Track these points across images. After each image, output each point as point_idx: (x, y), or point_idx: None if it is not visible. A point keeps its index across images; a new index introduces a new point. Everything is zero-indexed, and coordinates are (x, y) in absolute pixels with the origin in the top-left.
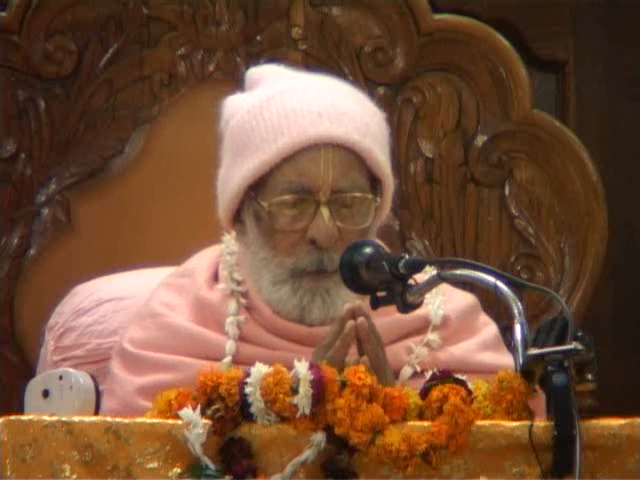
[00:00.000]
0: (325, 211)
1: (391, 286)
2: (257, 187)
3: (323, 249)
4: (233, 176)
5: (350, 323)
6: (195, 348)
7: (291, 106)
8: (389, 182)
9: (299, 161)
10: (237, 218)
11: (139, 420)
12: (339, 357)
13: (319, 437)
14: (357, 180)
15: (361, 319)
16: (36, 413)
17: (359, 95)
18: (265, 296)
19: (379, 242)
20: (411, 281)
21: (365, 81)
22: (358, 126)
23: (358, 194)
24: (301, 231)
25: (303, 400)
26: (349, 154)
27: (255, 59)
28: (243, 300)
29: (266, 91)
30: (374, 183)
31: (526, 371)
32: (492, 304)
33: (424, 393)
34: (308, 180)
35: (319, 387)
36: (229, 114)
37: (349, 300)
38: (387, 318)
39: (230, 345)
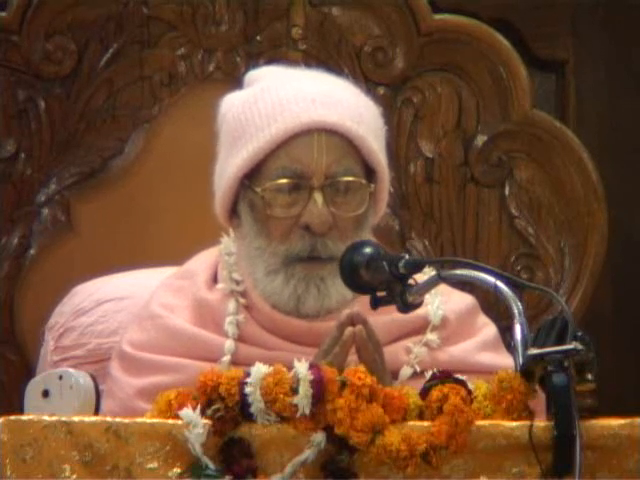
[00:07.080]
0: (319, 196)
1: (391, 286)
2: (252, 176)
3: (317, 235)
4: (228, 166)
5: (349, 329)
6: (194, 350)
7: (285, 94)
8: (383, 171)
9: (293, 147)
10: (234, 213)
11: (139, 420)
12: (338, 363)
13: (319, 437)
14: (351, 166)
15: (359, 327)
16: (36, 413)
17: (354, 88)
18: (260, 289)
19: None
20: (411, 281)
21: (365, 81)
22: (352, 114)
23: (352, 178)
24: (295, 217)
25: (303, 400)
26: (343, 141)
27: (255, 59)
28: (242, 300)
29: (261, 85)
30: (369, 173)
31: (526, 371)
32: (492, 304)
33: (424, 393)
34: (302, 165)
35: (319, 387)
36: (225, 109)
37: (344, 291)
38: (386, 318)
39: (229, 344)
